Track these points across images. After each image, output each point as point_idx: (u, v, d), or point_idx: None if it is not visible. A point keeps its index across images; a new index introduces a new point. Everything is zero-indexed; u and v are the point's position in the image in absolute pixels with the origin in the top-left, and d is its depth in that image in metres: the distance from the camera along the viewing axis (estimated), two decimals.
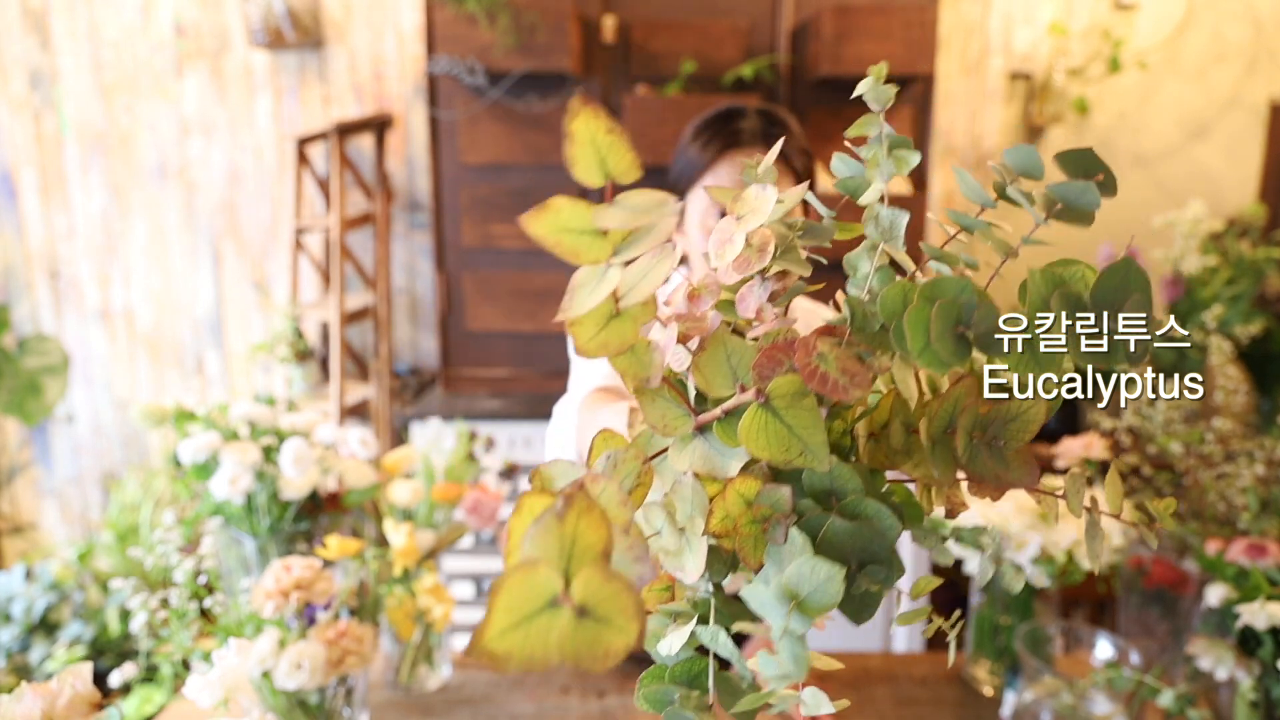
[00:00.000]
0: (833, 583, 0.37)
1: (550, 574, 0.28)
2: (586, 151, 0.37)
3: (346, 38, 2.56)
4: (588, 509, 0.30)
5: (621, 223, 0.36)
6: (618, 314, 0.39)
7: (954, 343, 0.38)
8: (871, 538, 0.39)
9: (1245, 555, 0.89)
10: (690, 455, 0.40)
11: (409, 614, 1.07)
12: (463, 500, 1.13)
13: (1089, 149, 0.42)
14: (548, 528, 0.29)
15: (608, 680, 1.18)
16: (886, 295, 0.40)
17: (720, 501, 0.39)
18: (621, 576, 0.29)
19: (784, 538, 0.39)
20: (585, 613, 0.28)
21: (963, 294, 0.39)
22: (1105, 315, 0.38)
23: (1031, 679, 0.91)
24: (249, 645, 0.87)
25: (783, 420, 0.38)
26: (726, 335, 0.41)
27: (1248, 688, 0.88)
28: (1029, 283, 0.40)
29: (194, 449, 1.06)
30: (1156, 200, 2.66)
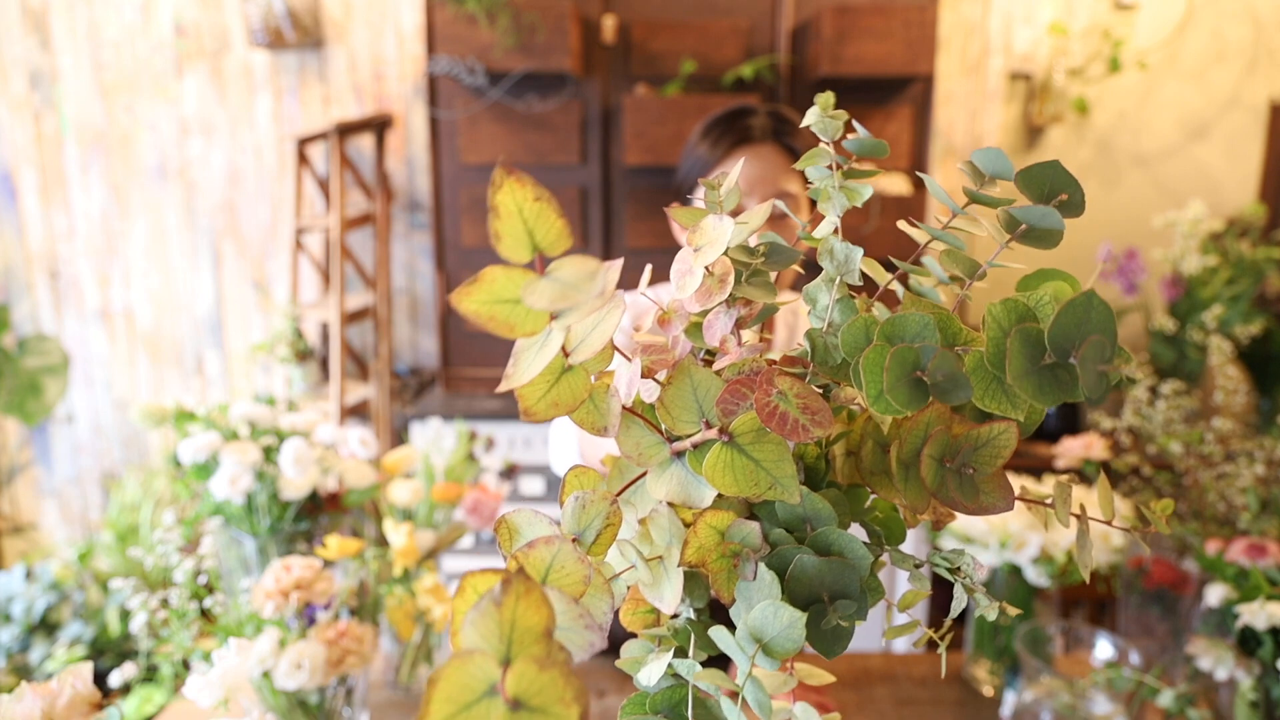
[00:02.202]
0: (795, 629, 0.37)
1: (487, 663, 0.29)
2: (513, 224, 0.35)
3: (346, 38, 2.56)
4: (526, 592, 0.30)
5: (552, 300, 0.33)
6: (568, 369, 0.38)
7: (910, 390, 0.37)
8: (842, 572, 0.39)
9: (1245, 555, 0.89)
10: (667, 483, 0.40)
11: (409, 614, 1.07)
12: (463, 500, 1.13)
13: (1054, 163, 0.41)
14: (486, 614, 0.29)
15: (608, 680, 1.18)
16: (847, 331, 0.39)
17: (693, 532, 0.39)
18: (560, 663, 0.29)
19: (753, 575, 0.39)
20: (520, 705, 0.28)
21: (923, 334, 0.37)
22: (1064, 353, 0.37)
23: (1031, 679, 0.91)
24: (249, 645, 0.87)
25: (749, 456, 0.38)
26: (692, 368, 0.40)
27: (1247, 688, 0.88)
28: (989, 315, 0.38)
29: (194, 449, 1.06)
30: (1156, 200, 2.66)
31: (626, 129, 2.17)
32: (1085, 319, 0.36)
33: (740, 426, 0.38)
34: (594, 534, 0.39)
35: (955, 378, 0.37)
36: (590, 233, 2.33)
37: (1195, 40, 2.57)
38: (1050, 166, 0.41)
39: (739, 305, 0.44)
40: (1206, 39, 2.58)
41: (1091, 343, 0.36)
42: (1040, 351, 0.37)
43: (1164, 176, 2.66)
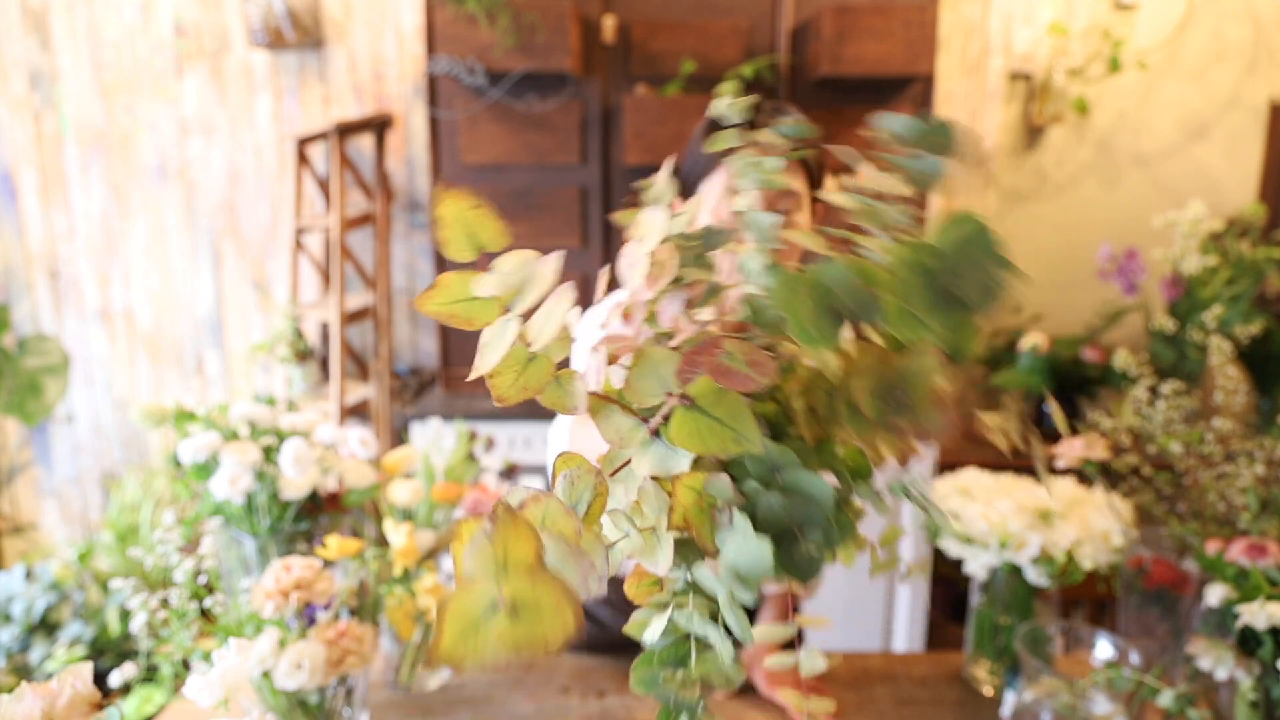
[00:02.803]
0: (764, 556, 0.41)
1: (486, 586, 0.34)
2: (456, 230, 0.41)
3: (346, 38, 2.56)
4: (513, 525, 0.34)
5: (497, 287, 0.40)
6: (532, 357, 0.43)
7: (827, 319, 0.41)
8: (806, 506, 0.43)
9: (1245, 555, 0.89)
10: (649, 459, 0.43)
11: (409, 614, 1.07)
12: (463, 500, 1.13)
13: (944, 123, 0.47)
14: (480, 548, 0.34)
15: (608, 680, 1.18)
16: (776, 288, 0.43)
17: (675, 498, 0.43)
18: (550, 576, 0.34)
19: (730, 521, 0.43)
20: (517, 612, 0.33)
21: (837, 275, 0.42)
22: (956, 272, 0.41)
23: (1031, 679, 0.91)
24: (249, 645, 0.87)
25: (711, 416, 0.41)
26: (650, 348, 0.43)
27: (1247, 688, 0.88)
28: (893, 252, 0.42)
29: (194, 449, 1.06)
30: (1156, 200, 2.66)
31: (626, 129, 2.16)
32: (966, 235, 0.40)
33: (698, 389, 0.42)
34: (585, 505, 0.43)
35: (863, 300, 0.41)
36: (590, 233, 2.33)
37: (1195, 40, 2.57)
38: (940, 127, 0.48)
39: (687, 288, 0.47)
40: (1206, 39, 2.58)
41: (970, 256, 0.39)
42: (932, 274, 0.40)
43: (1164, 176, 2.66)
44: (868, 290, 0.40)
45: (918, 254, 0.40)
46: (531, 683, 1.17)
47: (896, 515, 2.27)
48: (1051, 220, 2.69)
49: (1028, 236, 2.70)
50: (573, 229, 2.32)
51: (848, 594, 2.31)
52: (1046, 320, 2.70)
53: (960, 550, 1.12)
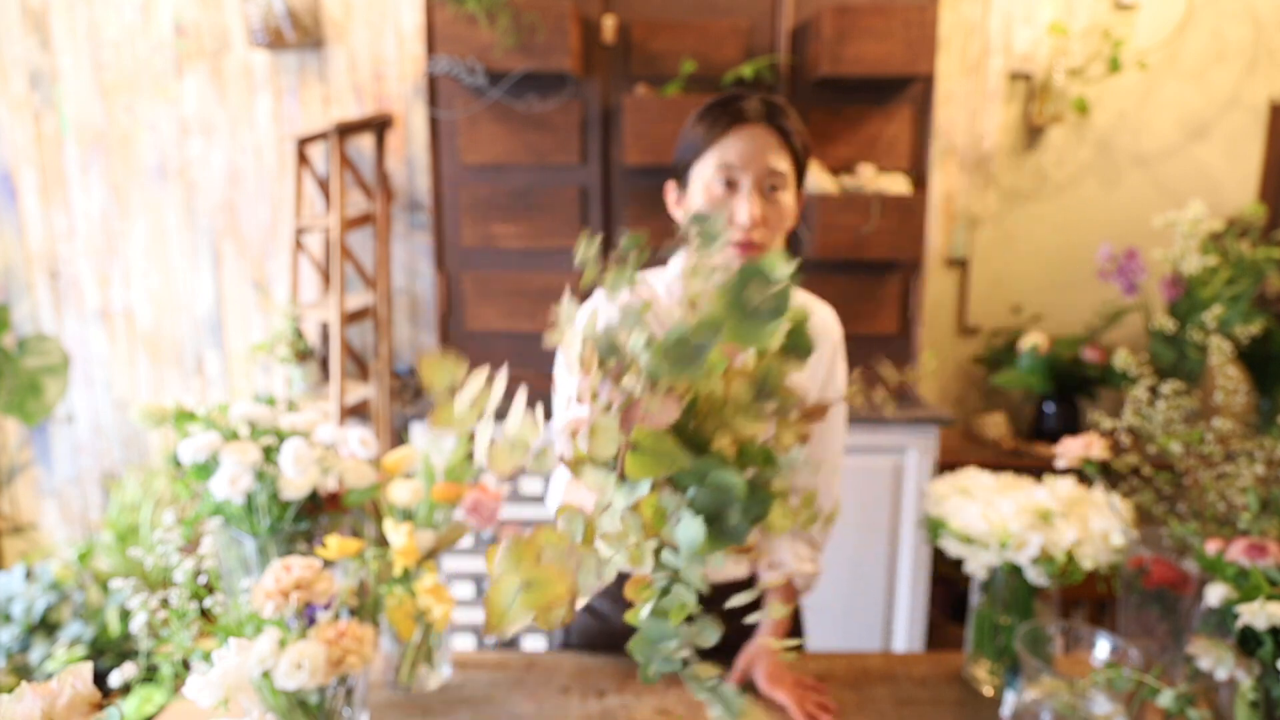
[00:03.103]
0: (698, 532, 0.58)
1: (510, 577, 0.58)
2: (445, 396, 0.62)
3: (346, 38, 2.56)
4: (520, 542, 0.59)
5: (469, 404, 0.62)
6: (512, 444, 0.62)
7: (691, 362, 0.59)
8: (726, 495, 0.60)
9: (1245, 555, 0.89)
10: (621, 495, 0.60)
11: (409, 614, 1.07)
12: (463, 500, 1.13)
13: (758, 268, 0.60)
14: (504, 556, 0.59)
15: (608, 680, 1.18)
16: (652, 356, 0.60)
17: (645, 518, 0.60)
18: (547, 565, 0.58)
19: (678, 520, 0.59)
20: (530, 586, 0.58)
21: (679, 334, 0.60)
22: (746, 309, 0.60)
23: (1031, 679, 0.91)
24: (249, 645, 0.87)
25: (650, 452, 0.59)
26: (598, 420, 0.61)
27: (1248, 688, 0.88)
28: (716, 298, 0.60)
29: (194, 449, 1.06)
30: (1156, 200, 2.66)
31: (626, 129, 2.16)
32: (751, 274, 0.59)
33: (636, 437, 0.59)
34: (580, 535, 0.61)
35: (698, 346, 0.59)
36: (590, 233, 2.33)
37: (1195, 40, 2.57)
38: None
39: (610, 374, 0.63)
40: (1206, 39, 2.58)
41: (755, 288, 0.59)
42: (738, 304, 0.59)
43: (1164, 176, 2.66)
44: (703, 337, 0.59)
45: (725, 293, 0.60)
46: (531, 683, 1.17)
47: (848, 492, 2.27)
48: (1051, 220, 2.69)
49: (1028, 236, 2.70)
50: (573, 229, 2.32)
51: (848, 594, 2.31)
52: (1046, 320, 2.70)
53: (960, 550, 1.12)
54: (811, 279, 2.32)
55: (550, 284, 2.34)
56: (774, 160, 1.08)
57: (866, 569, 2.30)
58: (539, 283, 2.35)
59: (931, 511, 1.18)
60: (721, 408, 0.61)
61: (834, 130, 2.29)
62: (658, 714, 1.10)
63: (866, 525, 2.28)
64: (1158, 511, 1.04)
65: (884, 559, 2.30)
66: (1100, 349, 2.51)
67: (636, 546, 0.59)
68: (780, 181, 1.09)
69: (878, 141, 2.30)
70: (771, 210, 1.08)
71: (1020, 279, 2.73)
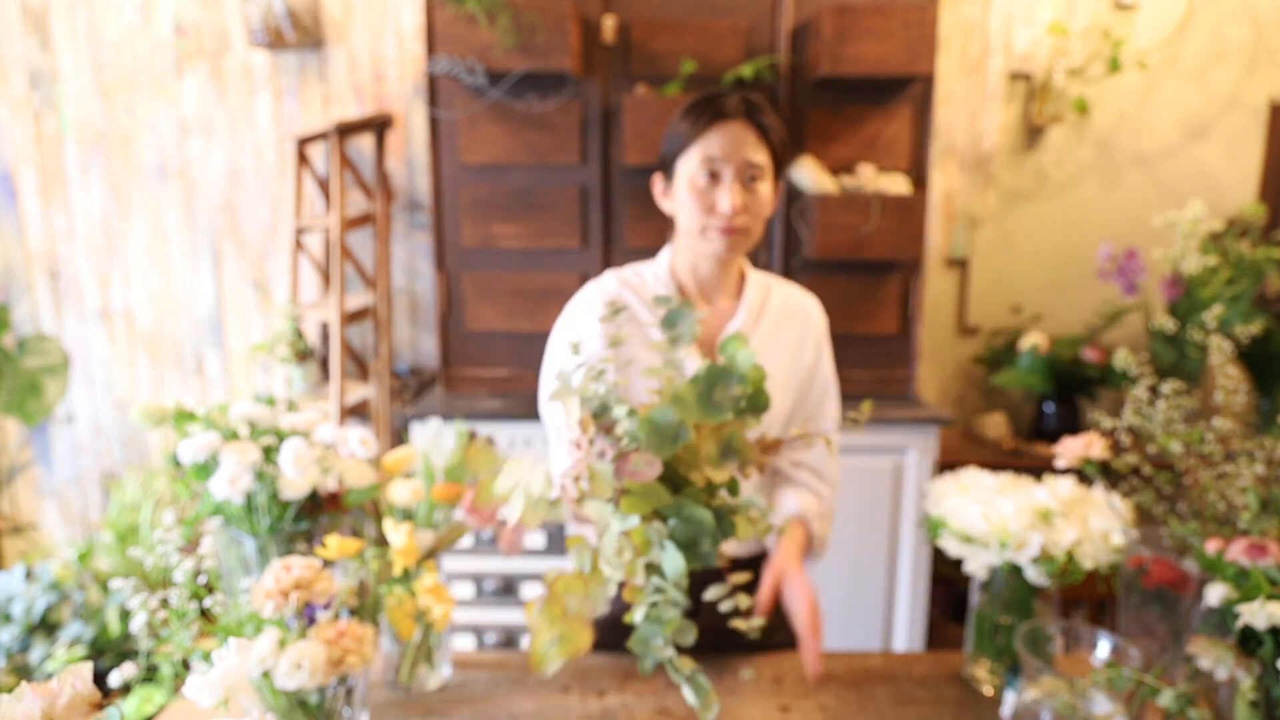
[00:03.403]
0: (680, 562, 0.76)
1: (546, 633, 0.77)
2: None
3: (346, 38, 2.57)
4: (551, 598, 0.79)
5: (506, 484, 0.83)
6: (535, 502, 0.82)
7: (667, 438, 0.80)
8: (699, 526, 0.78)
9: (1245, 555, 0.89)
10: (619, 523, 0.78)
11: (409, 614, 1.07)
12: (463, 500, 1.13)
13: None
14: (541, 608, 0.78)
15: (608, 680, 1.18)
16: (639, 427, 0.80)
17: (636, 545, 0.77)
18: (572, 617, 0.78)
19: (661, 547, 0.78)
20: (561, 639, 0.77)
21: (661, 415, 0.80)
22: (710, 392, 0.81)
23: (1031, 679, 0.91)
24: (249, 645, 0.87)
25: (639, 494, 0.77)
26: (595, 468, 0.79)
27: (1248, 687, 0.88)
28: (684, 389, 0.81)
29: (194, 449, 1.06)
30: (1156, 200, 2.66)
31: (626, 129, 2.16)
32: (714, 381, 0.81)
33: (629, 484, 0.77)
34: (589, 565, 0.80)
35: (675, 427, 0.79)
36: (590, 233, 2.33)
37: (1195, 40, 2.58)
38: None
39: (599, 432, 0.81)
40: (1207, 39, 2.58)
41: (722, 383, 0.81)
42: (707, 392, 0.81)
43: (1164, 176, 2.66)
44: (678, 419, 0.79)
45: (695, 385, 0.80)
46: (531, 682, 1.17)
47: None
48: (1051, 220, 2.69)
49: (1028, 236, 2.70)
50: (573, 229, 2.32)
51: (848, 594, 2.31)
52: (1046, 320, 2.70)
53: (960, 550, 1.12)
54: (811, 279, 2.32)
55: (550, 284, 2.34)
56: (753, 153, 1.18)
57: (866, 569, 2.30)
58: (539, 283, 2.35)
59: (931, 511, 1.18)
60: (694, 458, 0.79)
61: (834, 130, 2.29)
62: (658, 714, 1.10)
63: (867, 525, 2.28)
64: (1158, 511, 1.04)
65: (884, 559, 2.30)
66: (1100, 349, 2.51)
67: (630, 563, 0.76)
68: (759, 173, 1.18)
69: (878, 141, 2.30)
70: (751, 199, 1.18)
71: (1020, 279, 2.73)
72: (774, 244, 2.34)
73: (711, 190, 1.18)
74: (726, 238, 1.18)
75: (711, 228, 1.19)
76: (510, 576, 2.31)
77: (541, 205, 2.31)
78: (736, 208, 1.16)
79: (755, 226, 1.21)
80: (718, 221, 1.18)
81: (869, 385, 2.39)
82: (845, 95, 2.28)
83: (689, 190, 1.19)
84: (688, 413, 0.77)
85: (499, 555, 2.30)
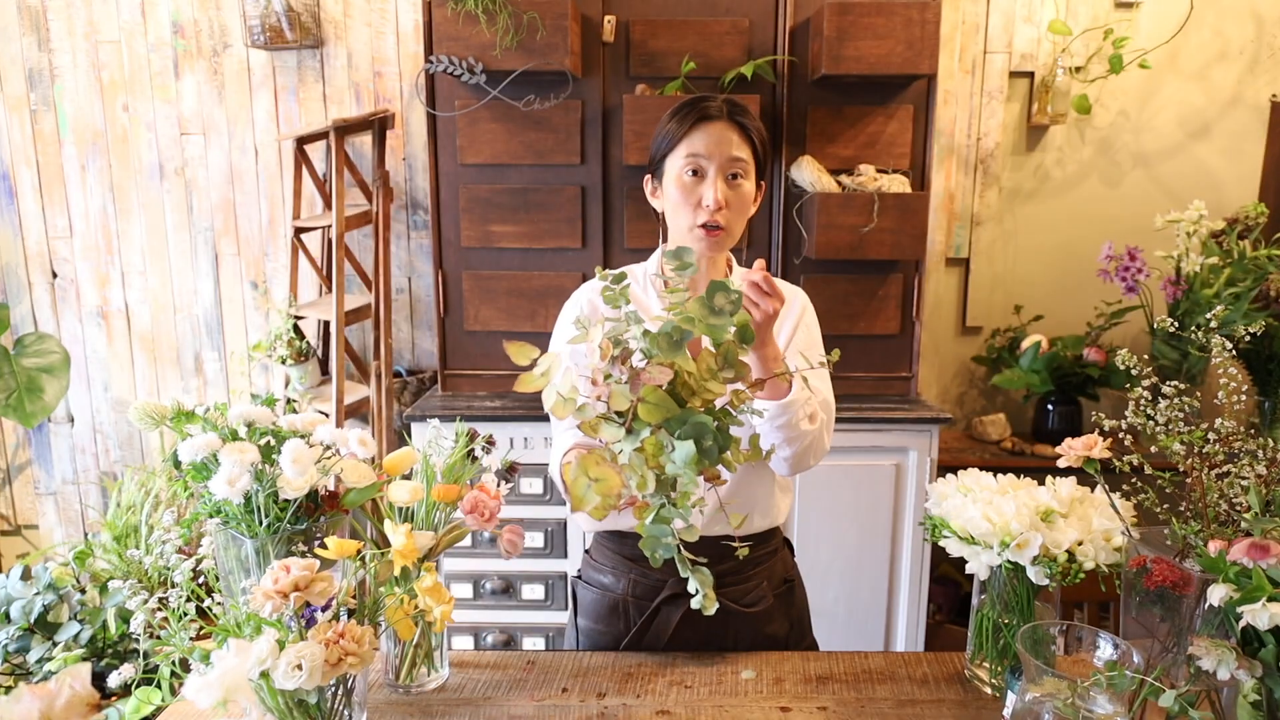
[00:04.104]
0: (689, 449, 0.84)
1: (583, 478, 0.87)
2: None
3: (345, 37, 2.56)
4: (586, 456, 0.88)
5: (562, 385, 0.90)
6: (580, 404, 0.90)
7: (676, 345, 0.89)
8: (703, 428, 0.86)
9: (1247, 555, 0.89)
10: (631, 441, 0.87)
11: (409, 614, 1.06)
12: (463, 500, 1.12)
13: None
14: (577, 465, 0.88)
15: (608, 680, 1.18)
16: (651, 340, 0.89)
17: (649, 455, 0.86)
18: (604, 466, 0.87)
19: (671, 449, 0.86)
20: (597, 480, 0.86)
21: (669, 327, 0.89)
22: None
23: (1032, 679, 0.91)
24: (248, 646, 0.87)
25: (652, 404, 0.85)
26: (615, 386, 0.87)
27: (1249, 688, 0.88)
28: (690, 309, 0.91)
29: (192, 449, 1.06)
30: (1158, 199, 2.66)
31: (626, 128, 2.16)
32: (720, 287, 0.90)
33: (645, 393, 0.85)
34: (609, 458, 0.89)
35: (680, 333, 0.88)
36: (590, 232, 2.33)
37: (1196, 39, 2.57)
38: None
39: (621, 354, 0.89)
40: (1208, 38, 2.57)
41: (722, 292, 0.90)
42: (710, 302, 0.90)
43: (1165, 175, 2.66)
44: (681, 329, 0.88)
45: (700, 301, 0.91)
46: (531, 683, 1.17)
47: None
48: (1053, 219, 2.69)
49: (1029, 236, 2.70)
50: (572, 229, 2.31)
51: (849, 594, 2.31)
52: (1048, 320, 2.70)
53: (961, 550, 1.12)
54: (812, 279, 2.32)
55: (550, 284, 2.34)
56: (736, 150, 1.24)
57: (867, 569, 2.30)
58: (539, 282, 2.35)
59: (932, 511, 1.17)
60: (693, 380, 0.89)
61: (834, 130, 2.29)
62: (657, 714, 1.10)
63: (867, 525, 2.27)
64: (1159, 511, 1.04)
65: (885, 559, 2.29)
66: (1101, 349, 2.50)
67: (643, 476, 0.86)
68: (742, 170, 1.25)
69: (878, 141, 2.29)
70: (734, 195, 1.24)
71: (1021, 279, 2.72)
72: (774, 244, 2.34)
73: (697, 186, 1.24)
74: (709, 238, 1.24)
75: (696, 225, 1.24)
76: (510, 576, 2.31)
77: (541, 205, 2.31)
78: (720, 202, 1.22)
79: (736, 224, 1.26)
80: (702, 216, 1.23)
81: (869, 385, 2.39)
82: (846, 94, 2.28)
83: (676, 186, 1.25)
84: (696, 325, 0.88)
85: (499, 555, 2.30)
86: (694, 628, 1.30)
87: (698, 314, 0.89)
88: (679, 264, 0.93)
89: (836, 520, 2.27)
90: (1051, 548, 1.05)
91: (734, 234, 1.27)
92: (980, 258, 2.70)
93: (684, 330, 0.88)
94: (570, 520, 2.28)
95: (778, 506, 1.38)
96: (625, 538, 1.35)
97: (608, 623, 1.35)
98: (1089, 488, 1.15)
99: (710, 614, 0.90)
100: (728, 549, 1.31)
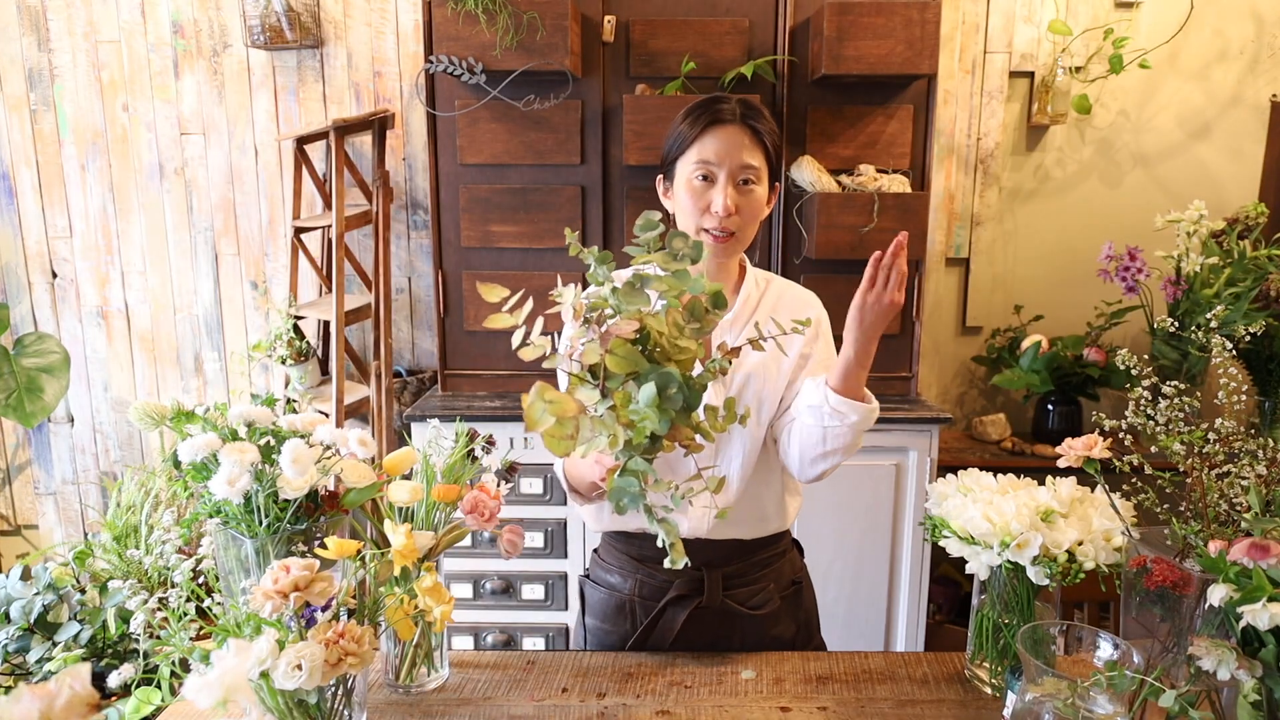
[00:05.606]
0: (652, 391, 0.86)
1: (539, 401, 0.89)
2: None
3: (345, 37, 2.56)
4: (543, 386, 0.89)
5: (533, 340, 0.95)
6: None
7: (644, 298, 0.94)
8: (668, 377, 0.88)
9: (1247, 555, 0.89)
10: (606, 403, 0.89)
11: (409, 614, 1.06)
12: (462, 500, 1.12)
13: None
14: (534, 392, 0.89)
15: (608, 680, 1.18)
16: (618, 294, 0.93)
17: (620, 410, 0.88)
18: (561, 394, 0.90)
19: (642, 401, 0.87)
20: (551, 402, 0.88)
21: (634, 284, 0.93)
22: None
23: (1032, 680, 0.91)
24: (248, 646, 0.87)
25: (621, 356, 0.88)
26: (589, 344, 0.89)
27: (1250, 688, 0.88)
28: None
29: (192, 449, 1.06)
30: (1158, 199, 2.66)
31: (626, 128, 2.16)
32: (678, 235, 0.95)
33: (613, 346, 0.88)
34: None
35: (638, 284, 0.93)
36: (590, 232, 2.33)
37: (1197, 39, 2.57)
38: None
39: (594, 321, 0.92)
40: (1208, 37, 2.57)
41: (678, 242, 0.95)
42: (670, 252, 0.94)
43: (1166, 175, 2.66)
44: (641, 276, 0.93)
45: (661, 250, 0.95)
46: (531, 683, 1.17)
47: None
48: (1053, 219, 2.69)
49: (1029, 236, 2.69)
50: (572, 228, 2.31)
51: (849, 594, 2.31)
52: (1048, 320, 2.70)
53: (961, 550, 1.12)
54: (812, 279, 2.32)
55: (550, 283, 2.33)
56: (748, 156, 1.22)
57: (867, 569, 2.30)
58: (539, 282, 2.35)
59: (932, 511, 1.17)
60: (665, 341, 0.91)
61: (834, 130, 2.29)
62: (658, 714, 1.10)
63: (867, 525, 2.27)
64: (1160, 511, 1.04)
65: (885, 559, 2.29)
66: (1101, 349, 2.50)
67: (614, 435, 0.88)
68: (754, 175, 1.23)
69: (878, 141, 2.29)
70: (744, 201, 1.23)
71: (1021, 278, 2.72)
72: (774, 244, 2.34)
73: (707, 192, 1.22)
74: (718, 244, 1.23)
75: (705, 230, 1.23)
76: (510, 576, 2.31)
77: (541, 205, 2.31)
78: (729, 209, 1.20)
79: (746, 229, 1.25)
80: (711, 222, 1.22)
81: (869, 385, 2.38)
82: (846, 94, 2.28)
83: (686, 191, 1.24)
84: (668, 283, 0.92)
85: (499, 555, 2.30)
86: (700, 628, 1.30)
87: (660, 260, 0.92)
88: (669, 240, 0.95)
89: (837, 520, 2.27)
90: (1051, 548, 1.05)
91: (744, 239, 1.26)
92: (980, 258, 2.70)
93: (644, 277, 0.92)
94: (570, 520, 2.28)
95: (787, 510, 1.38)
96: (633, 538, 1.34)
97: (614, 622, 1.35)
98: (1089, 488, 1.15)
99: (678, 568, 0.90)
100: (735, 551, 1.31)
